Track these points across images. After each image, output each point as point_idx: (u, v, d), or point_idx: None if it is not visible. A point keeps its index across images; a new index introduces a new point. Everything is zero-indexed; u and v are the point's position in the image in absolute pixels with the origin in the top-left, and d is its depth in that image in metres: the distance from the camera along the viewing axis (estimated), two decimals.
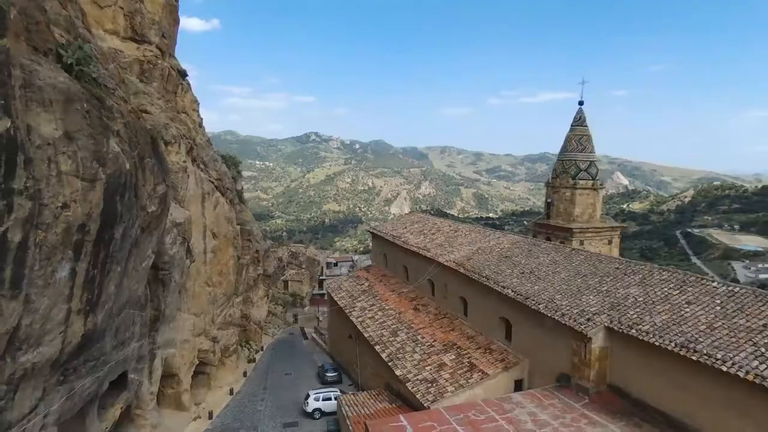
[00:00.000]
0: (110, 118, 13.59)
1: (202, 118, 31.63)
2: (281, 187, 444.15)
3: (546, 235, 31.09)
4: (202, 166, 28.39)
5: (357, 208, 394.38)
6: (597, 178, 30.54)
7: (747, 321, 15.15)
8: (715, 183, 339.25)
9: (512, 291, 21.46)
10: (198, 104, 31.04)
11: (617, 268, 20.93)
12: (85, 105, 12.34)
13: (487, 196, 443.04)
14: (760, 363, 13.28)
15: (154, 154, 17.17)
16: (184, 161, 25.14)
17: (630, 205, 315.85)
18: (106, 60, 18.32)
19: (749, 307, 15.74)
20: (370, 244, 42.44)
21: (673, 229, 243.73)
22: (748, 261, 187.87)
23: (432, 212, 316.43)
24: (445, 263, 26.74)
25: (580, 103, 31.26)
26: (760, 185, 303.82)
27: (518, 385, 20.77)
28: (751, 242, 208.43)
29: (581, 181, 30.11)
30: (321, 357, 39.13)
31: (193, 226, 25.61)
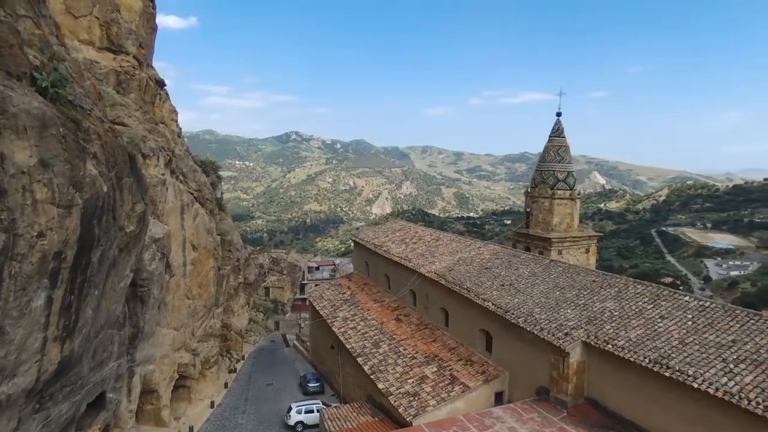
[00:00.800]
0: (87, 141, 13.37)
1: (180, 128, 31.21)
2: (261, 187, 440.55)
3: (525, 245, 31.60)
4: (181, 177, 28.03)
5: (338, 208, 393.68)
6: (574, 188, 31.17)
7: (717, 336, 15.69)
8: (688, 182, 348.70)
9: (492, 304, 21.77)
10: (176, 114, 30.59)
11: (594, 281, 21.42)
12: (61, 129, 12.12)
13: (467, 195, 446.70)
14: (729, 380, 13.78)
15: (132, 172, 16.94)
16: (163, 174, 24.79)
17: (607, 205, 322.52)
18: (82, 77, 17.99)
19: (719, 322, 16.31)
20: (352, 245, 42.58)
21: (649, 227, 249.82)
22: (719, 259, 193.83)
23: (413, 212, 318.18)
24: (427, 274, 26.95)
25: (558, 114, 31.87)
26: (731, 185, 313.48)
27: (499, 398, 21.08)
28: (722, 240, 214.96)
29: (559, 191, 30.70)
30: (303, 365, 38.96)
31: (172, 239, 25.30)
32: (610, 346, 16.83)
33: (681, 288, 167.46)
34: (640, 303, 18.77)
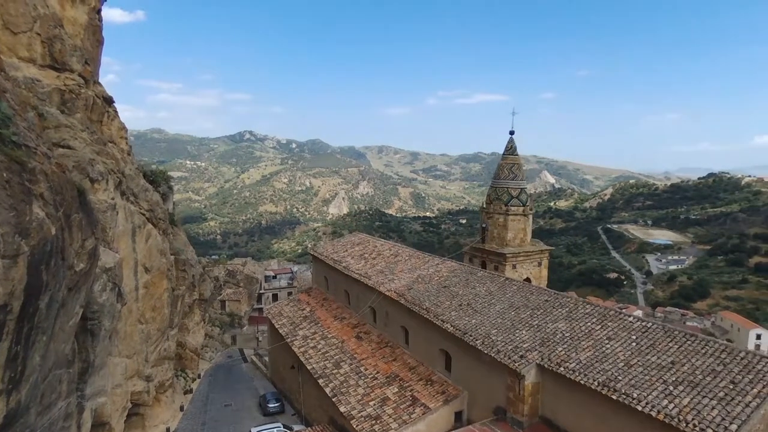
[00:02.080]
0: (33, 182, 12.81)
1: (131, 146, 30.05)
2: (214, 188, 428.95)
3: (482, 259, 32.53)
4: (132, 198, 27.03)
5: (295, 209, 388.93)
6: (527, 204, 32.37)
7: (658, 358, 16.81)
8: (630, 181, 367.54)
9: (451, 325, 22.32)
10: (126, 131, 29.42)
11: (546, 300, 22.38)
12: (4, 174, 11.58)
13: (424, 195, 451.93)
14: (669, 402, 14.84)
15: (82, 207, 16.27)
16: (113, 198, 23.83)
17: (556, 203, 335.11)
18: (25, 108, 17.11)
19: (660, 344, 17.47)
20: (309, 246, 42.34)
21: (595, 225, 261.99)
22: (659, 254, 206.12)
23: (370, 212, 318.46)
24: (387, 293, 27.25)
25: (511, 132, 32.92)
26: (668, 183, 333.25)
27: (458, 417, 21.67)
28: (662, 236, 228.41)
29: (513, 208, 31.81)
30: (262, 383, 38.39)
31: (123, 264, 24.35)
32: (562, 368, 17.69)
33: (625, 282, 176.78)
34: (589, 323, 19.81)
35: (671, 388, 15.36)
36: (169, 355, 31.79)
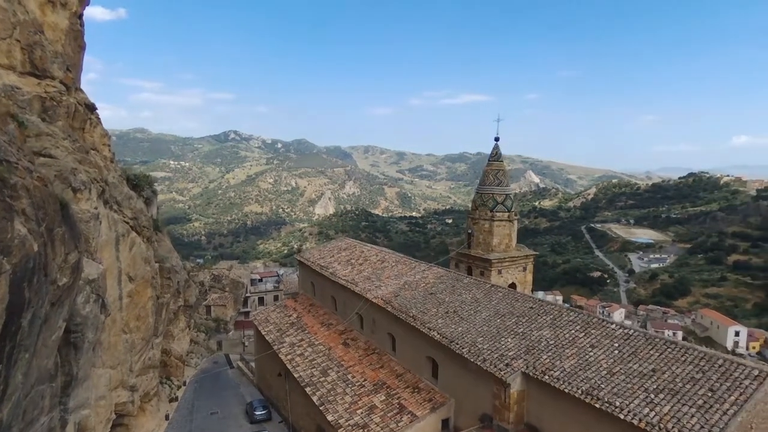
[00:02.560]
0: (14, 198, 12.65)
1: (114, 153, 29.63)
2: (198, 189, 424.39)
3: (467, 265, 32.81)
4: (115, 206, 26.68)
5: (280, 209, 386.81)
6: (512, 209, 32.73)
7: (639, 366, 17.17)
8: (613, 181, 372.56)
9: (438, 333, 22.50)
10: (109, 138, 29.00)
11: (531, 307, 22.67)
12: None
13: (410, 195, 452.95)
14: (650, 410, 15.18)
15: (64, 221, 16.09)
16: (96, 208, 23.49)
17: (541, 203, 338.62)
18: (6, 120, 16.84)
19: (641, 351, 17.84)
20: (295, 246, 42.20)
21: (579, 224, 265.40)
22: (641, 252, 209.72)
23: (357, 212, 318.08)
24: (374, 300, 27.34)
25: (496, 139, 33.23)
26: (650, 183, 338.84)
27: (445, 424, 21.86)
28: (643, 235, 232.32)
29: (498, 214, 32.13)
30: (248, 389, 38.15)
31: (107, 274, 24.06)
32: (546, 377, 17.97)
33: (608, 281, 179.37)
34: (573, 331, 20.13)
35: (652, 396, 15.71)
36: (154, 364, 31.46)
